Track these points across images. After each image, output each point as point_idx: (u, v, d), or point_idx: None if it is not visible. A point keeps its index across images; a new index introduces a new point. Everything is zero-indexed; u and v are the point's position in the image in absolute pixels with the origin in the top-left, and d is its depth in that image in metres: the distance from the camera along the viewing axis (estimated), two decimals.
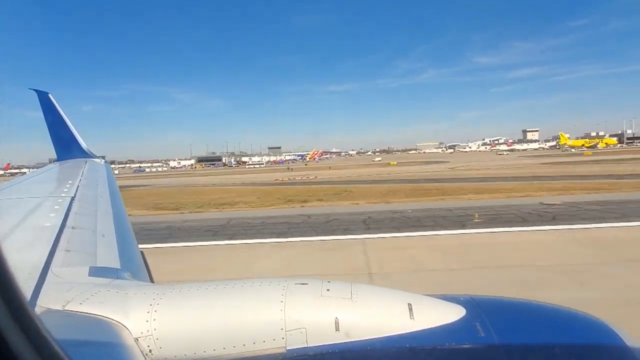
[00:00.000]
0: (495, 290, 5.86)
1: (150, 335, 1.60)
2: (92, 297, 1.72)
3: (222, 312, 1.65)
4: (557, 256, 11.02)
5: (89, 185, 4.69)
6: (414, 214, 18.89)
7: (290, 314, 1.62)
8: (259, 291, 1.73)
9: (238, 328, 1.61)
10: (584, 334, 1.70)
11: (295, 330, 1.60)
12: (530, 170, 47.62)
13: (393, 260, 11.55)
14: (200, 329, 1.61)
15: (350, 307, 1.65)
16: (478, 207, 19.48)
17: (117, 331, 1.58)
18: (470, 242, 13.43)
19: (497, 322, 1.66)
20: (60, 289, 1.82)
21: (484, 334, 1.60)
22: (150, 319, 1.62)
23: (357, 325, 1.61)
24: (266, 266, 11.60)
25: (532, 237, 13.68)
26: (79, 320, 1.60)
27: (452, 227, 15.50)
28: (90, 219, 3.21)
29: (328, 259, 12.18)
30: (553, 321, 1.76)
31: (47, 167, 7.51)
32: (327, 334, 1.60)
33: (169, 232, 17.81)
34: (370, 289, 1.80)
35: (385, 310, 1.67)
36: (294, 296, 1.68)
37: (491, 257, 11.33)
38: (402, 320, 1.64)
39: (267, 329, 1.60)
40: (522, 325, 1.72)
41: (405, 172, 57.02)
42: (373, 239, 14.09)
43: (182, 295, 1.74)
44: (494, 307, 1.81)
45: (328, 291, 1.71)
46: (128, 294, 1.78)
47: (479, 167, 59.21)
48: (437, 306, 1.74)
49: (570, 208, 18.55)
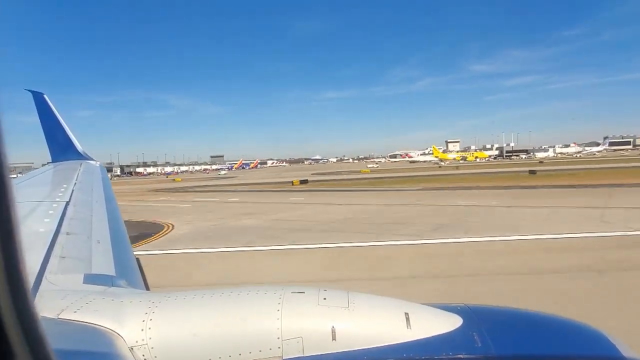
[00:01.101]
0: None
1: (145, 344, 1.58)
2: (86, 305, 1.70)
3: (218, 320, 1.64)
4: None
5: (84, 189, 4.65)
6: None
7: (287, 323, 1.61)
8: (255, 299, 1.72)
9: (234, 336, 1.60)
10: (581, 345, 1.70)
11: (291, 339, 1.59)
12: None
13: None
14: (196, 337, 1.60)
15: (347, 316, 1.65)
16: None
17: (112, 340, 1.56)
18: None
19: (494, 332, 1.66)
20: (54, 296, 1.80)
21: (481, 344, 1.59)
22: (145, 327, 1.60)
23: (354, 334, 1.61)
24: None
25: None
26: (73, 329, 1.58)
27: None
28: (85, 225, 3.18)
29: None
30: (551, 331, 1.76)
31: (42, 169, 7.43)
32: (324, 344, 1.59)
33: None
34: (367, 297, 1.79)
35: (382, 320, 1.66)
36: (291, 305, 1.67)
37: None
38: (399, 329, 1.63)
39: (264, 338, 1.59)
40: (519, 335, 1.72)
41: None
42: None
43: (177, 303, 1.73)
44: (490, 317, 1.81)
45: (325, 300, 1.70)
46: (123, 302, 1.76)
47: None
48: (434, 315, 1.74)
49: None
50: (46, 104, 8.12)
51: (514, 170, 57.20)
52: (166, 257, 14.25)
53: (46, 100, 8.11)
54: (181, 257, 14.25)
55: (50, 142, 8.13)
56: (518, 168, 60.39)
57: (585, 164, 64.26)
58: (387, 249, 14.03)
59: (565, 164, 69.24)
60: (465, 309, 1.80)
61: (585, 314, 5.74)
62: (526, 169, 53.50)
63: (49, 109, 8.12)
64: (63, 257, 2.39)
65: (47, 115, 8.12)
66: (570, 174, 43.86)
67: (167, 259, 14.04)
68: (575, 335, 1.76)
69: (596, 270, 10.22)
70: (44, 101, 8.11)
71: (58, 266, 2.24)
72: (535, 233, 14.88)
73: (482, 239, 14.63)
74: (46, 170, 7.47)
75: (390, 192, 35.31)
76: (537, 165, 65.85)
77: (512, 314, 1.91)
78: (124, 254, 2.91)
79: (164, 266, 12.94)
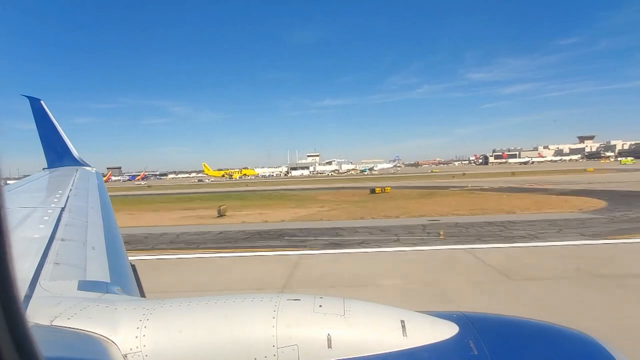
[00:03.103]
0: None
1: (140, 352, 1.57)
2: (80, 312, 1.68)
3: (213, 328, 1.63)
4: None
5: (80, 195, 4.63)
6: None
7: (282, 331, 1.60)
8: (250, 307, 1.71)
9: (229, 344, 1.59)
10: (574, 351, 1.70)
11: (287, 347, 1.58)
12: None
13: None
14: (191, 345, 1.59)
15: (343, 323, 1.64)
16: None
17: (106, 347, 1.55)
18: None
19: (489, 339, 1.66)
20: (48, 303, 1.78)
21: (477, 352, 1.60)
22: (139, 335, 1.59)
23: (350, 342, 1.60)
24: None
25: None
26: (67, 336, 1.56)
27: None
28: (81, 231, 3.16)
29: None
30: (544, 338, 1.76)
31: (38, 174, 7.38)
32: (320, 351, 1.58)
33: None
34: (363, 305, 1.79)
35: (378, 327, 1.66)
36: (286, 312, 1.66)
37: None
38: (395, 337, 1.63)
39: (259, 346, 1.59)
40: (514, 343, 1.72)
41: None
42: None
43: (172, 310, 1.72)
44: (486, 324, 1.81)
45: (320, 307, 1.70)
46: (117, 309, 1.74)
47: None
48: (430, 323, 1.74)
49: None
50: (43, 110, 8.11)
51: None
52: None
53: (43, 106, 8.10)
54: None
55: (46, 148, 8.10)
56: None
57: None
58: None
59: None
60: (461, 317, 1.80)
61: None
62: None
63: (45, 115, 8.11)
64: (57, 263, 2.37)
65: (44, 121, 8.10)
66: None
67: None
68: (570, 343, 1.76)
69: None
70: (40, 107, 8.10)
71: (52, 273, 2.22)
72: None
73: None
74: (42, 176, 7.44)
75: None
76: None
77: (507, 322, 1.91)
78: (119, 261, 2.89)
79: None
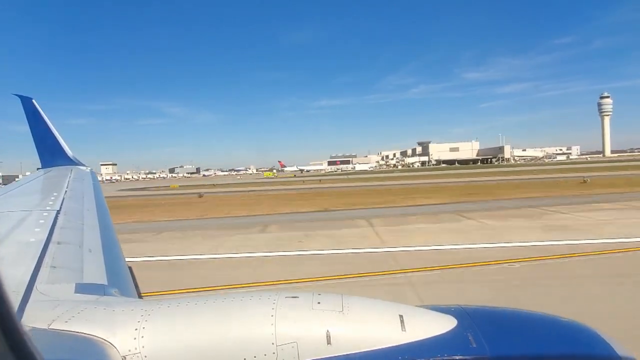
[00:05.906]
0: None
1: (139, 353, 1.56)
2: (78, 315, 1.67)
3: (212, 327, 1.63)
4: None
5: (75, 196, 4.59)
6: None
7: (281, 328, 1.60)
8: (248, 305, 1.71)
9: (228, 343, 1.59)
10: (576, 343, 1.71)
11: (286, 344, 1.58)
12: None
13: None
14: (190, 345, 1.58)
15: (342, 319, 1.65)
16: None
17: (104, 349, 1.54)
18: None
19: (488, 332, 1.67)
20: (45, 306, 1.77)
21: (476, 345, 1.60)
22: (138, 336, 1.59)
23: (349, 338, 1.61)
24: None
25: None
26: (65, 339, 1.55)
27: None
28: (77, 233, 3.14)
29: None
30: (544, 331, 1.77)
31: (32, 175, 7.33)
32: (319, 348, 1.58)
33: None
34: (361, 300, 1.79)
35: (376, 323, 1.67)
36: (285, 310, 1.66)
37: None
38: (393, 332, 1.64)
39: (258, 344, 1.59)
40: (513, 335, 1.73)
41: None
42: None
43: (170, 311, 1.71)
44: (484, 317, 1.82)
45: (319, 304, 1.70)
46: (115, 311, 1.74)
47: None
48: (428, 317, 1.75)
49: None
50: (35, 109, 8.01)
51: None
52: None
53: (35, 105, 8.00)
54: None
55: (39, 148, 8.01)
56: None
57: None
58: None
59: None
60: (459, 310, 1.81)
61: None
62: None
63: (37, 114, 8.01)
64: (54, 266, 2.35)
65: (36, 120, 8.01)
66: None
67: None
68: (570, 334, 1.77)
69: None
70: (32, 106, 8.00)
71: (49, 276, 2.21)
72: None
73: None
74: (36, 177, 7.37)
75: None
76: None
77: (506, 314, 1.92)
78: (115, 262, 2.88)
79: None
